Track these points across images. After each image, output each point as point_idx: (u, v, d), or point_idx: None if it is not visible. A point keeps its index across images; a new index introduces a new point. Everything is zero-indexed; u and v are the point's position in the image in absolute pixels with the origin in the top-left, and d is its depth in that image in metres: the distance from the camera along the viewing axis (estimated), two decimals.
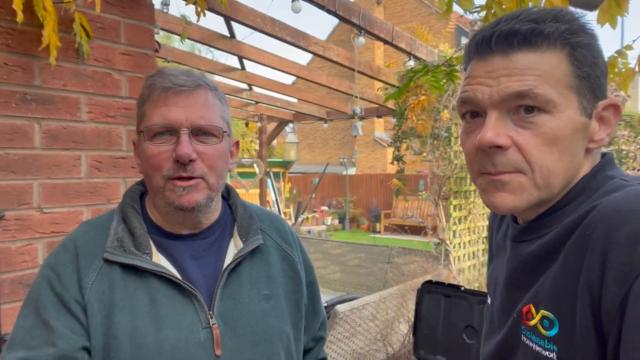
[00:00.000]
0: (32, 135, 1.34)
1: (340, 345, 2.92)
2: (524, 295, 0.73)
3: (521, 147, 0.66)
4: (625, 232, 0.56)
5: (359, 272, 4.98)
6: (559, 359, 0.63)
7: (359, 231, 14.10)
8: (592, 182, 0.69)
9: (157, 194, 0.86)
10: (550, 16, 0.68)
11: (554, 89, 0.65)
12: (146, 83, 0.88)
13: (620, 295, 0.55)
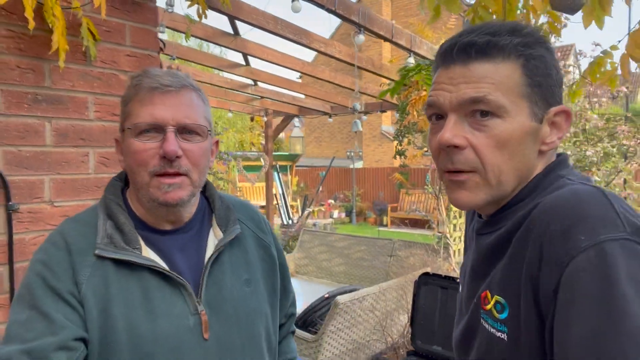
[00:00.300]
0: (43, 133, 1.43)
1: (341, 335, 3.00)
2: (482, 282, 0.81)
3: (476, 147, 0.73)
4: (558, 227, 0.64)
5: (363, 264, 5.05)
6: (509, 338, 0.71)
7: (365, 224, 14.16)
8: (544, 180, 0.76)
9: (141, 190, 0.89)
10: (506, 30, 0.75)
11: (506, 96, 0.72)
12: (132, 82, 0.91)
13: (554, 282, 0.62)
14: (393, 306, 3.33)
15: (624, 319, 0.56)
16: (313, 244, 5.56)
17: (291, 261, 5.53)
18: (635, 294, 0.57)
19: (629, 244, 0.60)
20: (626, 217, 0.62)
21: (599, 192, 0.67)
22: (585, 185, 0.70)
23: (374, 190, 15.35)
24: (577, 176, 0.77)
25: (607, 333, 0.56)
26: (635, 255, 0.59)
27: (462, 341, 0.87)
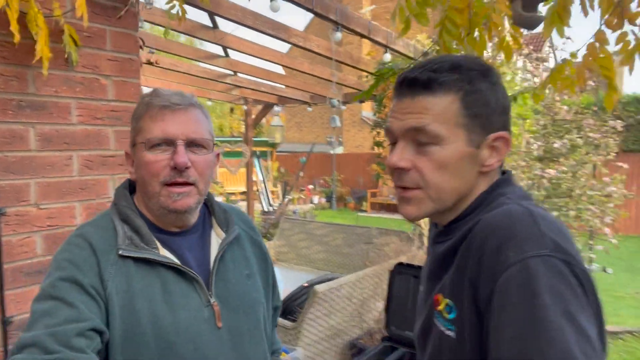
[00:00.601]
0: (28, 138, 1.47)
1: (319, 322, 3.12)
2: (436, 285, 0.91)
3: (419, 169, 0.85)
4: (493, 244, 0.74)
5: (342, 252, 5.17)
6: (456, 336, 0.81)
7: (346, 210, 14.33)
8: (488, 197, 0.87)
9: (152, 199, 0.98)
10: (448, 67, 0.86)
11: (443, 126, 0.83)
12: (143, 101, 1.01)
13: (489, 290, 0.73)
14: (370, 293, 3.46)
15: (544, 325, 0.66)
16: (293, 232, 5.66)
17: (272, 248, 5.63)
18: (553, 303, 0.67)
19: (550, 259, 0.70)
20: (549, 235, 0.72)
21: (529, 213, 0.77)
22: (519, 206, 0.80)
23: (354, 176, 15.50)
24: (517, 194, 0.88)
25: (529, 336, 0.66)
26: (555, 270, 0.69)
27: (420, 336, 0.98)
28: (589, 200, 3.92)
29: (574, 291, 0.68)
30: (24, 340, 0.81)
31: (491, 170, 0.87)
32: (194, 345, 0.95)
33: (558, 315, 0.66)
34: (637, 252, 8.85)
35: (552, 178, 3.92)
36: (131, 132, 1.02)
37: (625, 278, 6.89)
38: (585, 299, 0.69)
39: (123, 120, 1.70)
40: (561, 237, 0.74)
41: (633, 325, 4.78)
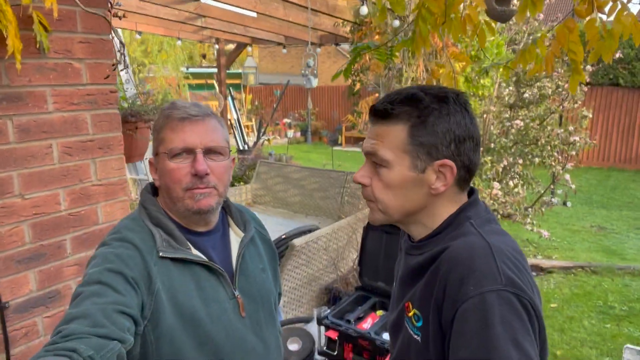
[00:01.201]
0: (7, 131, 1.47)
1: (297, 272, 3.31)
2: (407, 292, 1.04)
3: (372, 187, 0.99)
4: (456, 276, 0.86)
5: (317, 195, 5.32)
6: (422, 341, 0.95)
7: (321, 144, 14.41)
8: (455, 220, 0.98)
9: (177, 203, 1.07)
10: (402, 98, 0.96)
11: (391, 151, 0.95)
12: (163, 113, 1.09)
13: (451, 314, 0.85)
14: (344, 242, 3.65)
15: (495, 350, 0.79)
16: (269, 175, 5.75)
17: (249, 192, 5.74)
18: (503, 332, 0.80)
19: (504, 293, 0.82)
20: (504, 271, 0.84)
21: (488, 248, 0.88)
22: (481, 240, 0.91)
23: (329, 109, 15.42)
24: (481, 217, 0.98)
25: (481, 358, 0.80)
26: (507, 302, 0.82)
27: (393, 327, 1.13)
28: (553, 150, 4.11)
29: (521, 319, 0.81)
30: (74, 313, 0.85)
31: (436, 194, 0.97)
32: (226, 332, 1.07)
33: (507, 342, 0.79)
34: (597, 184, 9.31)
35: (520, 128, 4.06)
36: (153, 142, 1.10)
37: (582, 211, 7.33)
38: (530, 325, 0.82)
39: (99, 104, 1.70)
40: (514, 270, 0.86)
41: (585, 260, 5.18)
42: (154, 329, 0.99)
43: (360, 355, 2.51)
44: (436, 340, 0.91)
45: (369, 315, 2.72)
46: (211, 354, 1.05)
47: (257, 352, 1.15)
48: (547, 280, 4.66)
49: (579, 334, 3.66)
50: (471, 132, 0.98)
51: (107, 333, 0.82)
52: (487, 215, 1.01)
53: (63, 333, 0.79)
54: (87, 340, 0.79)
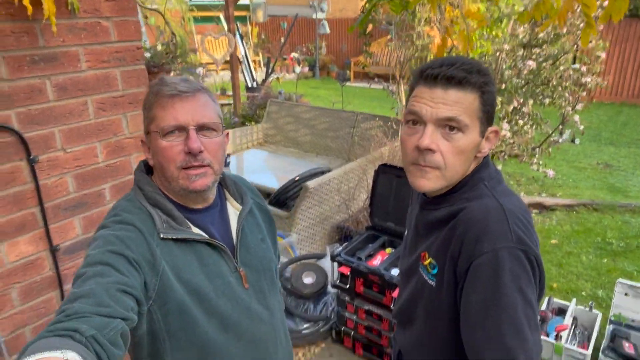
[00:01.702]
0: (46, 90, 1.57)
1: (310, 212, 3.49)
2: (422, 243, 1.18)
3: (443, 152, 1.03)
4: (472, 235, 1.00)
5: (328, 135, 5.40)
6: (435, 286, 1.11)
7: (329, 79, 14.22)
8: (470, 180, 1.10)
9: (172, 182, 1.05)
10: (475, 68, 1.03)
11: (469, 117, 1.02)
12: (152, 90, 1.05)
13: (466, 266, 1.00)
14: (355, 183, 3.80)
15: (502, 297, 0.94)
16: (280, 115, 5.81)
17: (259, 131, 5.84)
18: (511, 281, 0.94)
19: (514, 250, 0.96)
20: (515, 230, 0.98)
21: (501, 211, 1.01)
22: (495, 202, 1.03)
23: (338, 43, 15.05)
24: (493, 179, 1.11)
25: (490, 303, 0.95)
26: (517, 258, 0.96)
27: (405, 273, 1.28)
28: (564, 91, 4.12)
29: (526, 271, 0.96)
30: (78, 292, 0.84)
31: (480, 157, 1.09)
32: (231, 304, 1.10)
33: (514, 289, 0.94)
34: (607, 121, 9.23)
35: (532, 69, 4.04)
36: (144, 121, 1.07)
37: (590, 148, 7.37)
38: (532, 276, 0.98)
39: (127, 60, 1.78)
40: (523, 230, 0.99)
41: (589, 197, 5.32)
42: (161, 307, 1.00)
43: (370, 288, 2.74)
44: (449, 286, 1.06)
45: (378, 253, 2.92)
46: (219, 323, 1.08)
47: (263, 319, 1.19)
48: (550, 218, 4.84)
49: (576, 268, 3.88)
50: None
51: (110, 312, 0.82)
52: (497, 175, 1.13)
53: (66, 312, 0.79)
54: (90, 320, 0.78)
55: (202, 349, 1.07)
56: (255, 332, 1.16)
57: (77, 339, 0.73)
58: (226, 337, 1.09)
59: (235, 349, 1.12)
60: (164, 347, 1.04)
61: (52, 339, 0.71)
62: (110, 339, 0.78)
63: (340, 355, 2.94)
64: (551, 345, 2.78)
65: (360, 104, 10.65)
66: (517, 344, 0.92)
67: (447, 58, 1.05)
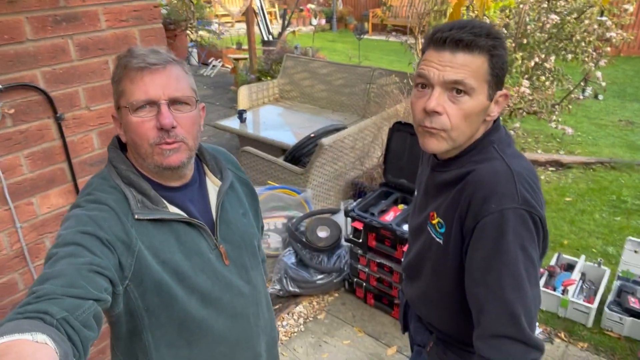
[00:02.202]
0: (69, 50, 1.63)
1: (325, 168, 3.56)
2: (431, 202, 1.24)
3: (449, 115, 1.06)
4: (480, 195, 1.05)
5: (344, 91, 5.38)
6: (443, 243, 1.17)
7: (346, 32, 13.88)
8: (481, 143, 1.14)
9: (146, 159, 1.01)
10: (485, 32, 1.04)
11: (476, 81, 1.04)
12: (120, 63, 0.99)
13: (472, 224, 1.06)
14: (370, 140, 3.83)
15: (505, 254, 1.01)
16: (296, 70, 5.78)
17: (275, 87, 5.83)
18: (514, 239, 1.00)
19: (519, 211, 1.01)
20: (521, 192, 1.02)
21: (510, 173, 1.05)
22: (504, 164, 1.07)
23: None
24: (503, 142, 1.14)
25: (493, 259, 1.02)
26: (521, 217, 1.01)
27: (415, 230, 1.35)
28: (588, 46, 4.01)
29: (529, 230, 1.02)
30: (49, 273, 0.81)
31: (490, 120, 1.12)
32: (211, 282, 1.10)
33: (516, 247, 1.00)
34: (634, 76, 8.89)
35: (555, 23, 3.93)
36: (114, 95, 1.02)
37: (613, 104, 7.19)
38: (536, 235, 1.03)
39: (145, 19, 1.81)
40: (530, 191, 1.04)
41: (607, 155, 5.26)
42: (137, 286, 0.98)
43: (382, 243, 2.83)
44: (456, 243, 1.13)
45: (391, 209, 2.99)
46: (199, 300, 1.08)
47: (245, 294, 1.19)
48: (565, 175, 4.83)
49: (588, 225, 3.91)
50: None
51: (81, 294, 0.79)
52: (507, 139, 1.16)
53: (37, 294, 0.76)
54: (61, 301, 0.76)
55: (182, 324, 1.07)
56: (237, 307, 1.17)
57: (47, 321, 0.71)
58: (207, 313, 1.10)
59: (215, 323, 1.12)
60: (142, 324, 1.04)
61: (21, 321, 0.68)
62: (82, 321, 0.77)
63: (352, 304, 3.09)
64: (557, 298, 2.87)
65: (378, 58, 10.46)
66: (517, 297, 0.99)
67: (457, 21, 1.06)
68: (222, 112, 6.94)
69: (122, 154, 1.06)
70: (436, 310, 1.31)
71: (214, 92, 8.09)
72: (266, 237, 3.52)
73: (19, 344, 0.62)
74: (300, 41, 9.11)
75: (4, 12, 1.44)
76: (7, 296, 1.68)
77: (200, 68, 9.42)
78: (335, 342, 2.77)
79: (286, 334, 2.86)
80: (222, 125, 4.87)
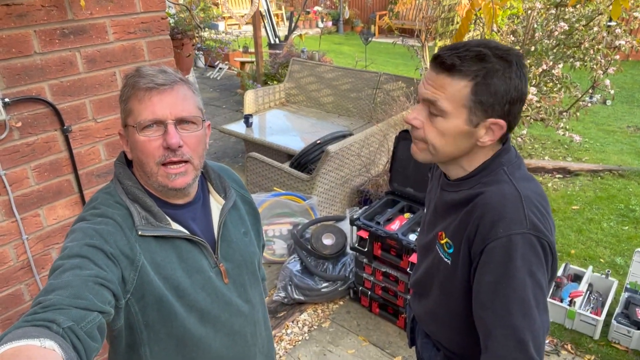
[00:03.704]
0: (76, 62, 1.63)
1: (331, 175, 3.55)
2: (440, 222, 1.23)
3: (425, 129, 1.09)
4: (488, 219, 1.03)
5: (350, 96, 5.37)
6: (451, 264, 1.16)
7: (353, 34, 13.88)
8: (490, 165, 1.12)
9: (151, 177, 1.02)
10: (472, 55, 1.01)
11: (451, 104, 1.04)
12: (128, 82, 1.01)
13: (480, 248, 1.05)
14: (376, 147, 3.82)
15: (512, 279, 0.99)
16: (302, 74, 5.78)
17: (282, 91, 5.84)
18: (522, 265, 0.99)
19: (527, 236, 1.00)
20: (530, 217, 1.01)
21: (518, 197, 1.04)
22: (512, 188, 1.06)
23: None
24: (513, 164, 1.12)
25: (501, 284, 1.01)
26: (529, 243, 1.00)
27: (423, 248, 1.34)
28: (597, 54, 3.98)
29: (538, 256, 1.01)
30: (55, 284, 0.83)
31: (486, 145, 1.09)
32: (211, 299, 1.10)
33: (524, 272, 0.99)
34: None
35: (564, 30, 3.90)
36: (121, 114, 1.03)
37: (622, 110, 7.12)
38: (544, 261, 1.02)
39: (152, 31, 1.81)
40: (538, 216, 1.03)
41: (615, 163, 5.22)
42: (138, 301, 0.99)
43: (388, 252, 2.82)
44: (464, 265, 1.12)
45: (397, 218, 2.98)
46: (198, 317, 1.09)
47: (243, 312, 1.19)
48: (573, 183, 4.79)
49: (596, 235, 3.88)
50: (524, 94, 1.06)
51: (87, 305, 0.81)
52: (517, 160, 1.14)
53: (43, 304, 0.78)
54: (67, 312, 0.77)
55: (180, 340, 1.08)
56: (234, 325, 1.17)
57: (54, 329, 0.73)
58: (205, 330, 1.11)
59: (213, 341, 1.13)
60: (141, 339, 1.05)
61: (29, 328, 0.70)
62: (87, 332, 0.78)
63: (357, 312, 3.08)
64: (564, 310, 2.85)
65: (385, 61, 10.45)
66: (525, 324, 0.98)
67: (459, 43, 1.06)
68: (228, 115, 6.95)
69: (128, 170, 1.07)
70: (444, 329, 1.30)
71: (220, 94, 8.11)
72: (271, 243, 3.51)
73: (29, 349, 0.64)
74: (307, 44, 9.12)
75: (12, 25, 1.45)
76: (13, 307, 1.68)
77: (207, 70, 9.45)
78: (339, 352, 2.76)
79: (290, 342, 2.85)
80: (228, 130, 4.87)
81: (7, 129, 1.51)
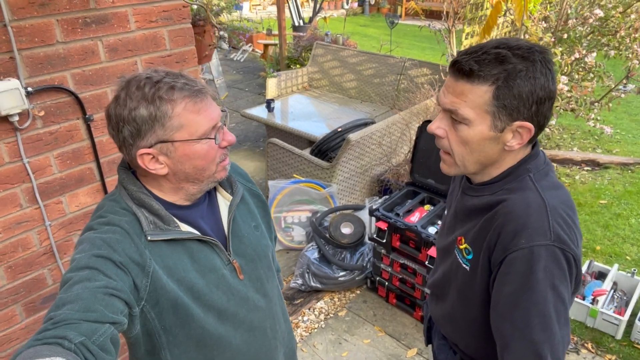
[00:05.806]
0: (98, 51, 1.63)
1: (352, 163, 3.52)
2: (460, 226, 1.20)
3: (449, 139, 1.05)
4: (511, 229, 0.99)
5: (374, 81, 5.29)
6: (470, 270, 1.13)
7: (378, 16, 13.62)
8: (516, 170, 1.07)
9: (205, 180, 1.04)
10: (491, 58, 0.96)
11: (473, 111, 0.99)
12: (156, 100, 0.93)
13: (501, 257, 1.01)
14: (397, 136, 3.76)
15: (533, 292, 0.96)
16: (326, 59, 5.71)
17: (305, 75, 5.78)
18: (544, 277, 0.95)
19: (551, 248, 0.96)
20: (555, 228, 0.97)
21: (543, 207, 0.99)
22: (537, 197, 1.01)
23: None
24: (540, 171, 1.07)
25: (521, 296, 0.97)
26: (552, 255, 0.96)
27: (442, 251, 1.31)
28: (633, 42, 3.80)
29: (561, 269, 0.97)
30: (65, 298, 0.82)
31: (514, 150, 1.04)
32: (227, 297, 1.10)
33: (546, 285, 0.95)
34: None
35: (599, 17, 3.74)
36: (152, 134, 0.95)
37: None
38: (568, 274, 0.98)
39: (174, 19, 1.79)
40: (564, 227, 0.98)
41: None
42: (153, 307, 0.99)
43: (407, 244, 2.79)
44: (483, 273, 1.08)
45: (417, 209, 2.94)
46: (216, 316, 1.09)
47: (261, 307, 1.19)
48: (602, 176, 4.64)
49: (623, 231, 3.77)
50: (552, 93, 1.00)
51: (98, 317, 0.81)
52: (545, 167, 1.08)
53: (54, 320, 0.78)
54: (78, 326, 0.77)
55: (200, 341, 1.08)
56: (253, 320, 1.17)
57: (66, 346, 0.73)
58: (224, 329, 1.11)
59: (233, 338, 1.13)
60: (160, 344, 1.05)
61: (40, 347, 0.70)
62: (99, 345, 0.78)
63: (373, 302, 3.08)
64: (586, 308, 2.79)
65: (410, 44, 10.25)
66: (544, 338, 0.95)
67: (476, 45, 1.01)
68: (251, 98, 6.94)
69: (132, 175, 1.05)
70: (461, 333, 1.28)
71: (244, 77, 8.10)
72: (290, 229, 3.52)
73: None
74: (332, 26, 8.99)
75: (35, 15, 1.45)
76: (36, 291, 1.73)
77: (231, 52, 9.43)
78: (355, 341, 2.77)
79: (306, 329, 2.88)
80: (250, 115, 4.87)
81: (30, 118, 1.52)
